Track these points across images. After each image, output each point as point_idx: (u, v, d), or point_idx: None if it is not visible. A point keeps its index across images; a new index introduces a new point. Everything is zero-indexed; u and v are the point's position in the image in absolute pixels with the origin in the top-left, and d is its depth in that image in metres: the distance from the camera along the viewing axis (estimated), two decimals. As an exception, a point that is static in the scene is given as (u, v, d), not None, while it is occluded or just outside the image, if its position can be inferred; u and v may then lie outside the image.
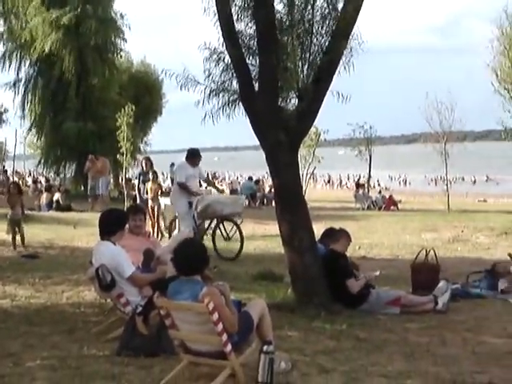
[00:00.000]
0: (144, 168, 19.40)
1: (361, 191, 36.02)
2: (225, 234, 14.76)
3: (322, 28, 9.05)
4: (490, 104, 21.43)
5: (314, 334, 7.65)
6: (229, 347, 5.67)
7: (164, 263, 7.39)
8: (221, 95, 9.11)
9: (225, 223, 14.72)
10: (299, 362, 6.44)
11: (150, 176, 18.53)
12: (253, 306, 6.33)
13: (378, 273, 9.58)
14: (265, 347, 5.65)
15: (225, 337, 5.63)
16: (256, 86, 8.96)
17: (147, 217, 15.09)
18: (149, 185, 18.56)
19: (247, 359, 5.96)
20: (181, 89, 9.04)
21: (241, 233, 14.34)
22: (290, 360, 6.30)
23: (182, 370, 5.97)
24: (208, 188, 18.14)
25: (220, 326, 5.59)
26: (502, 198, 46.62)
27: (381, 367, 6.47)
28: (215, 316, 5.55)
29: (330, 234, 9.99)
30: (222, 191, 16.79)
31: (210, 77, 9.12)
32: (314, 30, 9.01)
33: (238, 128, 8.96)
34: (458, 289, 10.44)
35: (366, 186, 40.28)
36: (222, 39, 8.95)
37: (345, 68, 9.04)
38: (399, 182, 75.93)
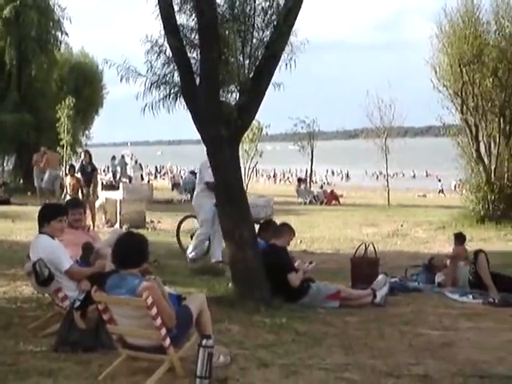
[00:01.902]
0: (83, 161, 19.16)
1: (303, 186, 36.28)
2: None
3: (263, 22, 9.04)
4: (430, 101, 21.72)
5: (253, 328, 7.66)
6: (167, 341, 5.64)
7: (103, 257, 7.31)
8: (162, 88, 9.04)
9: None
10: (238, 356, 6.44)
11: (89, 169, 18.30)
12: (192, 300, 6.32)
13: (313, 264, 9.67)
14: (204, 341, 5.63)
15: (163, 331, 5.60)
16: (197, 79, 8.91)
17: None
18: (67, 180, 18.31)
19: (186, 353, 5.95)
20: (121, 80, 8.93)
21: None
22: (229, 354, 6.30)
23: (120, 364, 5.91)
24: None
25: (159, 321, 5.57)
26: (441, 193, 47.49)
27: (319, 360, 6.52)
28: (154, 310, 5.52)
29: (268, 228, 10.02)
30: None
31: (152, 69, 9.05)
32: (256, 25, 9.00)
33: (182, 122, 8.92)
34: (396, 282, 10.61)
35: (307, 180, 40.52)
36: (163, 32, 8.89)
37: (286, 64, 9.08)
38: (341, 177, 76.72)
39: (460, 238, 11.27)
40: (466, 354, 6.86)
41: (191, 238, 13.74)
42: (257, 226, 13.29)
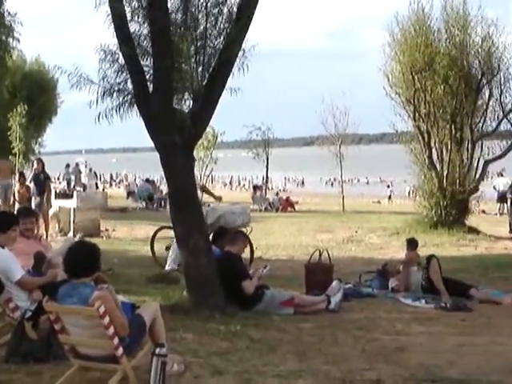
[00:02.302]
0: (36, 170, 18.90)
1: (258, 193, 36.37)
2: None
3: (216, 30, 9.07)
4: (383, 108, 22.04)
5: (208, 336, 7.64)
6: (120, 351, 5.59)
7: (55, 266, 7.22)
8: (115, 96, 8.99)
9: None
10: (192, 364, 6.42)
11: (42, 178, 18.07)
12: (145, 308, 6.28)
13: (267, 268, 9.69)
14: (157, 350, 5.62)
15: (116, 340, 5.55)
16: (151, 87, 8.89)
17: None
18: (16, 188, 18.07)
19: (140, 362, 5.90)
20: (71, 87, 8.86)
21: (251, 243, 13.31)
22: (183, 362, 6.28)
23: (72, 375, 5.84)
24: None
25: (111, 330, 5.51)
26: (394, 199, 48.02)
27: (273, 367, 6.53)
28: (106, 319, 5.46)
29: (222, 235, 10.02)
30: (219, 199, 15.17)
31: (105, 77, 9.00)
32: (209, 32, 9.02)
33: (137, 129, 8.88)
34: (350, 288, 10.69)
35: (263, 187, 40.61)
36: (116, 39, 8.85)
37: (239, 69, 9.11)
38: (297, 184, 77.06)
39: (412, 244, 11.41)
40: (418, 358, 6.94)
41: (166, 249, 13.59)
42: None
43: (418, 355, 7.07)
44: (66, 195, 20.95)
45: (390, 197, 51.30)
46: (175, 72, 8.72)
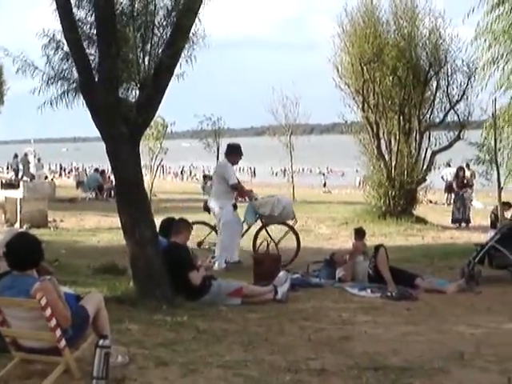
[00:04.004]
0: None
1: (209, 183, 36.20)
2: (274, 238, 13.16)
3: (163, 20, 8.98)
4: (334, 99, 22.20)
5: (154, 327, 7.60)
6: (63, 343, 5.54)
7: (-3, 258, 7.11)
8: (59, 83, 8.86)
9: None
10: (137, 356, 6.38)
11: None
12: (89, 299, 6.21)
13: (214, 259, 9.69)
14: (100, 341, 5.55)
15: (58, 332, 5.49)
16: (96, 75, 8.77)
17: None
18: None
19: (83, 354, 5.85)
20: (17, 72, 8.72)
21: (297, 235, 13.35)
22: (127, 353, 6.23)
23: (13, 367, 5.77)
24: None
25: (53, 322, 5.45)
26: (345, 189, 48.37)
27: (219, 357, 6.52)
28: (48, 311, 5.40)
29: (169, 225, 9.95)
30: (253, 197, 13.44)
31: (50, 64, 8.86)
32: (156, 22, 8.93)
33: (88, 118, 8.77)
34: (298, 278, 10.74)
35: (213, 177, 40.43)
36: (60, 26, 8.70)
37: (187, 61, 9.04)
38: (248, 174, 77.03)
39: (359, 233, 11.50)
40: (363, 347, 7.00)
41: (199, 245, 13.34)
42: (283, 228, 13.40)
43: (362, 344, 7.14)
44: (11, 185, 20.64)
45: (324, 184, 52.21)
46: (121, 61, 8.61)
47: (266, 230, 13.24)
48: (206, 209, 13.13)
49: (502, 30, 17.29)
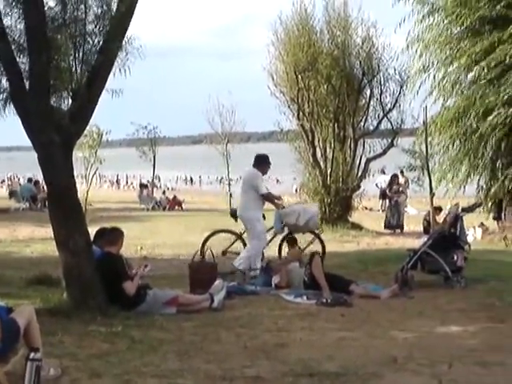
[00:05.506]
0: None
1: (145, 192, 36.03)
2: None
3: (96, 28, 8.91)
4: (270, 107, 22.40)
5: (88, 338, 7.50)
6: (-8, 356, 5.43)
7: None
8: (-11, 92, 8.71)
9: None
10: (70, 368, 6.29)
11: None
12: (20, 312, 6.09)
13: (148, 267, 9.60)
14: (31, 354, 5.46)
15: (-13, 346, 5.38)
16: (27, 84, 8.63)
17: None
18: None
19: (14, 368, 5.72)
20: None
21: (322, 243, 13.53)
22: (59, 366, 6.15)
23: None
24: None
25: (-18, 335, 5.34)
26: (282, 196, 48.62)
27: (154, 367, 6.48)
28: (-24, 325, 5.29)
29: (103, 235, 9.85)
30: (281, 204, 13.49)
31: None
32: (88, 30, 8.85)
33: (20, 127, 8.63)
34: (234, 286, 10.74)
35: (150, 186, 40.24)
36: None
37: (120, 70, 8.99)
38: (185, 182, 76.74)
39: (291, 241, 11.61)
40: (298, 353, 7.04)
41: (223, 254, 13.44)
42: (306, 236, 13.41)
43: (297, 350, 7.18)
44: None
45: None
46: (53, 69, 8.50)
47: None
48: (234, 216, 13.33)
49: (432, 39, 17.73)
